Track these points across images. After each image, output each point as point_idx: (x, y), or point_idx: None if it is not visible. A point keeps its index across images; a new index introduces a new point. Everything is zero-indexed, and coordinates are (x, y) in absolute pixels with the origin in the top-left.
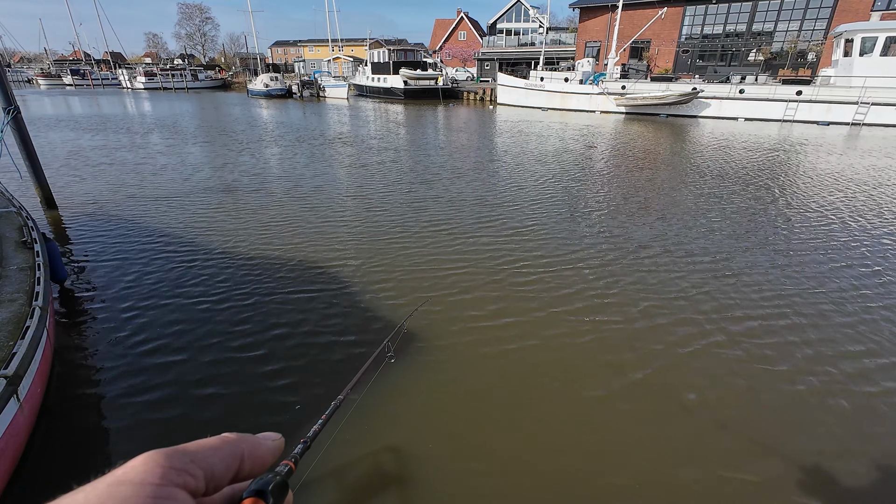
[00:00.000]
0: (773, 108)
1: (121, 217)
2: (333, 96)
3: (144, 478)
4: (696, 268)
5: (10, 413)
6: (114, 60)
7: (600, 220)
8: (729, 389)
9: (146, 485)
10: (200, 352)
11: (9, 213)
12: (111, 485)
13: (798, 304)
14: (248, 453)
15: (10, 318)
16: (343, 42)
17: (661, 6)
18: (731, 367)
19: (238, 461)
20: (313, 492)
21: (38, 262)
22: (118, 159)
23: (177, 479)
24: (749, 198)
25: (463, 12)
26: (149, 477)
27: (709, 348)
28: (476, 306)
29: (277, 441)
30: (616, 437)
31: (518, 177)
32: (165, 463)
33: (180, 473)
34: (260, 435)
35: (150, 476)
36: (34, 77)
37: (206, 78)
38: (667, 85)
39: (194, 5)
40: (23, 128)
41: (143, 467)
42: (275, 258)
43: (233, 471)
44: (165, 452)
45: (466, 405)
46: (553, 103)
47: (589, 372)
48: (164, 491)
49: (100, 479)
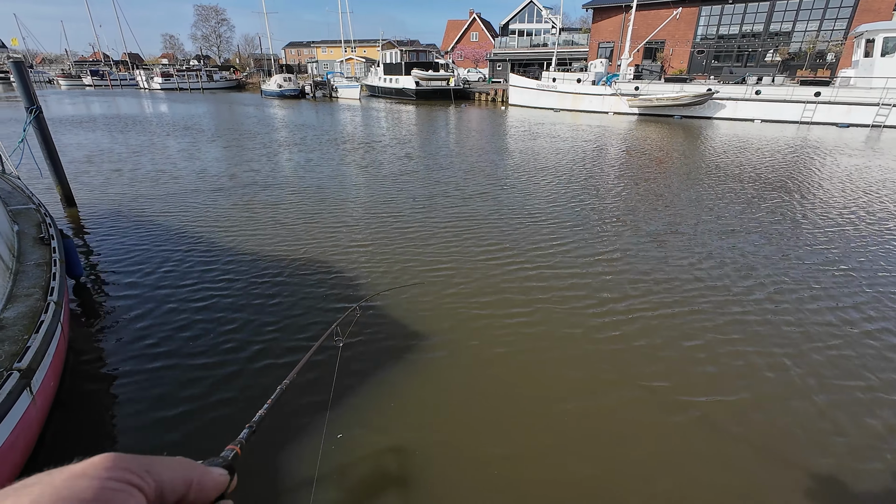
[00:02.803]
0: (790, 110)
1: (138, 215)
2: (346, 97)
3: (101, 473)
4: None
5: (23, 406)
6: (131, 61)
7: (613, 227)
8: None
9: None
10: (213, 350)
11: (28, 209)
12: (68, 478)
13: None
14: (197, 481)
15: (26, 313)
16: (356, 43)
17: (676, 6)
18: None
19: (187, 487)
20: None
21: (55, 258)
22: (136, 159)
23: (134, 480)
24: (777, 202)
25: (475, 13)
26: (106, 473)
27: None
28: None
29: (223, 477)
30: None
31: (528, 180)
32: (123, 464)
33: (136, 477)
34: (211, 468)
35: (107, 472)
36: (55, 78)
37: (221, 79)
38: (681, 86)
39: (210, 7)
40: (44, 127)
41: (102, 464)
42: (289, 257)
43: (179, 495)
44: (123, 456)
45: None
46: (565, 104)
47: (593, 378)
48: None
49: (57, 471)
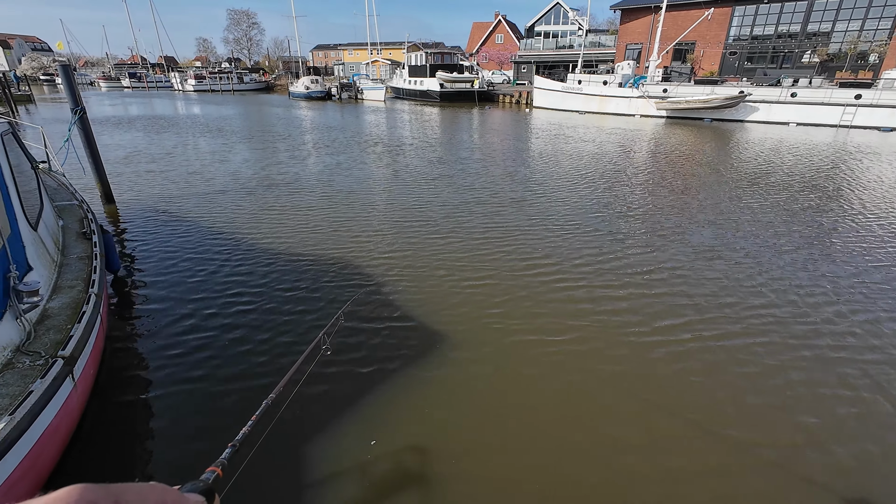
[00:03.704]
0: (828, 113)
1: (173, 212)
2: (370, 98)
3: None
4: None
5: (66, 392)
6: (167, 64)
7: (636, 236)
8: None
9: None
10: (245, 339)
11: (72, 205)
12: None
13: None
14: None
15: (69, 304)
16: (381, 45)
17: (708, 7)
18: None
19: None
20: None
21: (96, 252)
22: (170, 159)
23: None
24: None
25: (500, 15)
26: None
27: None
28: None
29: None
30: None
31: (562, 186)
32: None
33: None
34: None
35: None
36: (96, 80)
37: (251, 81)
38: (711, 88)
39: (242, 11)
40: (87, 127)
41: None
42: (320, 256)
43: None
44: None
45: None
46: (591, 107)
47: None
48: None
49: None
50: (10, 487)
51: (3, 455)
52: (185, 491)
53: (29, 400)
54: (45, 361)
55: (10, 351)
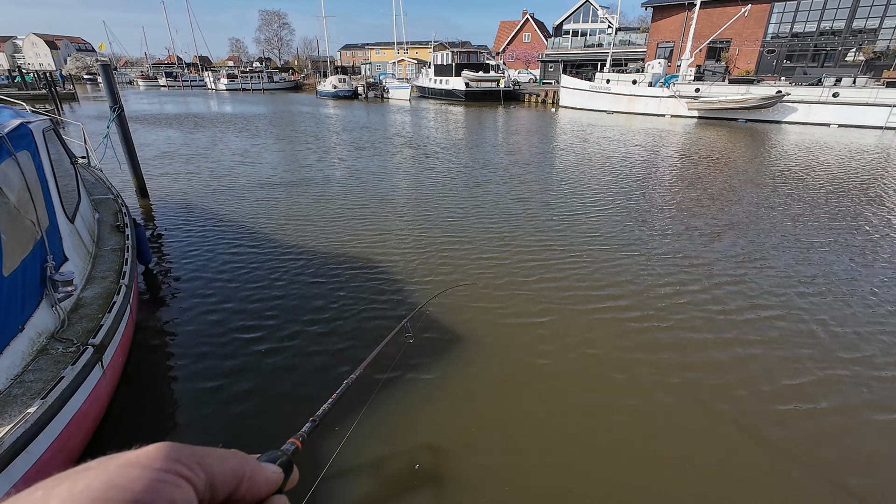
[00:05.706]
0: (873, 114)
1: (205, 208)
2: (396, 97)
3: (153, 464)
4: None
5: (95, 378)
6: (201, 64)
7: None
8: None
9: (154, 470)
10: (269, 337)
11: (107, 199)
12: (121, 466)
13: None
14: (249, 476)
15: (101, 294)
16: (408, 45)
17: (745, 3)
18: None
19: (238, 481)
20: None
21: (128, 245)
22: (203, 155)
23: (183, 472)
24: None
25: (528, 13)
26: (157, 463)
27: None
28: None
29: (277, 475)
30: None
31: (578, 189)
32: (176, 455)
33: (187, 469)
34: (265, 463)
35: (158, 463)
36: (135, 79)
37: (281, 80)
38: (747, 88)
39: (273, 12)
40: (125, 124)
41: (155, 454)
42: (347, 253)
43: (230, 488)
44: (176, 446)
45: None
46: (619, 107)
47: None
48: (169, 478)
49: (111, 458)
50: (42, 466)
51: (36, 436)
52: (264, 460)
53: (60, 385)
54: (76, 349)
55: (45, 337)
